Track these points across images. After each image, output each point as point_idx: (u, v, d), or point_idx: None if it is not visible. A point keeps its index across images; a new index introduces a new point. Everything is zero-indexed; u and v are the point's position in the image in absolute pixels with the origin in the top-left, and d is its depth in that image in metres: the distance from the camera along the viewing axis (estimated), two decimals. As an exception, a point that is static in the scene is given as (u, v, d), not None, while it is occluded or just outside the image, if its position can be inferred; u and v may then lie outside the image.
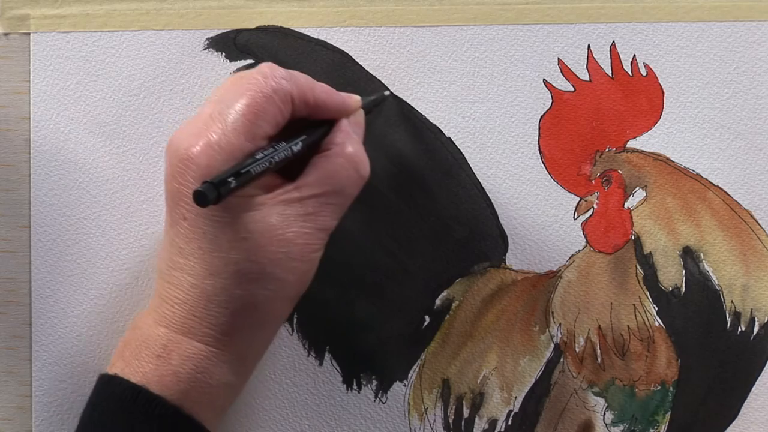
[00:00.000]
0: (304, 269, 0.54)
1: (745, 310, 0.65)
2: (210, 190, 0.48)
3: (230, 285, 0.52)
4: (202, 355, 0.53)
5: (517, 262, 0.65)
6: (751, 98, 0.66)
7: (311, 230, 0.54)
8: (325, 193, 0.54)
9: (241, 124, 0.52)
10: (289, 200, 0.53)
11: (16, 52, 0.64)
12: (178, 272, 0.53)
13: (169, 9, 0.64)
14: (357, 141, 0.57)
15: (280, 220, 0.53)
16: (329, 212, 0.55)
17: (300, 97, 0.54)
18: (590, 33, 0.65)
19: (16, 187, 0.64)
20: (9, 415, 0.64)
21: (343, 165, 0.55)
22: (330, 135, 0.56)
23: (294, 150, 0.54)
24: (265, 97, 0.53)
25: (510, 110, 0.65)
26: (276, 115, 0.53)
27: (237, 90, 0.53)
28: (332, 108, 0.57)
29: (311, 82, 0.56)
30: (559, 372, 0.65)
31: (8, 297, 0.64)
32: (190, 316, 0.53)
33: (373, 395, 0.65)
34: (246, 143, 0.52)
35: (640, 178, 0.65)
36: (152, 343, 0.53)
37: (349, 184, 0.55)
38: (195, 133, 0.52)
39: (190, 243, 0.52)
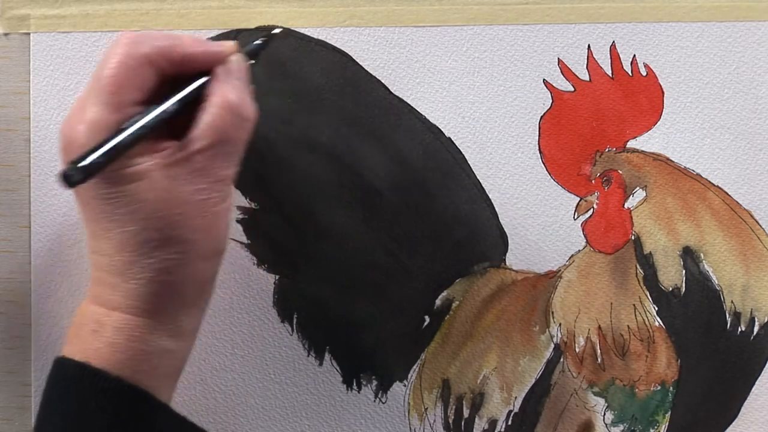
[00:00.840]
0: (208, 225, 0.54)
1: (745, 310, 0.65)
2: (72, 170, 0.48)
3: (138, 257, 0.53)
4: (132, 324, 0.53)
5: (517, 262, 0.65)
6: (751, 98, 0.66)
7: (206, 185, 0.53)
8: (211, 144, 0.53)
9: (105, 97, 0.52)
10: (176, 160, 0.53)
11: (16, 52, 0.64)
12: (95, 254, 0.54)
13: (169, 9, 0.64)
14: (236, 86, 0.56)
15: (170, 183, 0.52)
16: (221, 162, 0.54)
17: (162, 56, 0.54)
18: (590, 33, 0.65)
19: (16, 187, 0.64)
20: (9, 415, 0.64)
21: (220, 114, 0.54)
22: (207, 86, 0.55)
23: (168, 110, 0.53)
24: (122, 65, 0.53)
25: (510, 110, 0.65)
26: (138, 80, 0.53)
27: (101, 65, 0.53)
28: (203, 59, 0.56)
29: (175, 38, 0.55)
30: (559, 372, 0.65)
31: (8, 297, 0.64)
32: (113, 292, 0.53)
33: (373, 395, 0.65)
34: (113, 115, 0.52)
35: (640, 178, 0.65)
36: (88, 321, 0.54)
37: (232, 131, 0.54)
38: (73, 117, 0.53)
39: (97, 225, 0.53)
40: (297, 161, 0.64)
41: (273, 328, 0.65)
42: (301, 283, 0.64)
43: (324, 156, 0.64)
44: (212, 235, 0.55)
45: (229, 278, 0.64)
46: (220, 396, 0.65)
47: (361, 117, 0.64)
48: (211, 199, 0.54)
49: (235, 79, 0.56)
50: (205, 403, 0.65)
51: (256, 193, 0.64)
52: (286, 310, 0.65)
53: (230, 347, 0.65)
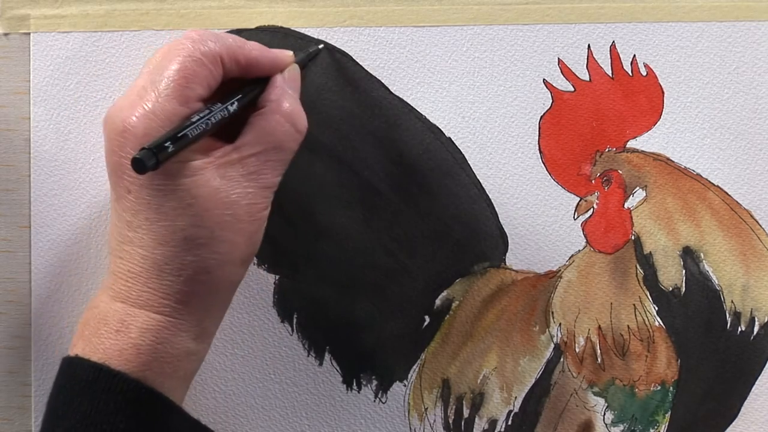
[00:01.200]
0: (251, 230, 0.55)
1: (745, 310, 0.65)
2: (147, 157, 0.48)
3: (180, 252, 0.52)
4: (161, 325, 0.53)
5: (517, 262, 0.65)
6: (751, 98, 0.66)
7: (255, 189, 0.54)
8: (265, 150, 0.54)
9: (173, 89, 0.52)
10: (230, 162, 0.54)
11: (16, 52, 0.64)
12: (128, 246, 0.53)
13: (169, 9, 0.64)
14: (292, 96, 0.57)
15: (223, 183, 0.53)
16: (270, 169, 0.55)
17: (230, 57, 0.55)
18: (590, 33, 0.65)
19: (16, 187, 0.64)
20: (9, 415, 0.64)
21: (279, 121, 0.55)
22: (265, 92, 0.57)
23: (230, 110, 0.54)
24: (194, 60, 0.53)
25: (510, 110, 0.65)
26: (207, 77, 0.54)
27: (167, 58, 0.54)
28: (265, 65, 0.57)
29: (241, 42, 0.56)
30: (559, 372, 0.65)
31: (8, 297, 0.64)
32: (144, 288, 0.53)
33: (373, 395, 0.65)
34: (180, 108, 0.52)
35: (640, 178, 0.65)
36: (110, 319, 0.53)
37: (287, 139, 0.56)
38: (129, 105, 0.53)
39: (137, 215, 0.53)
40: (297, 161, 0.64)
41: (273, 328, 0.65)
42: (301, 283, 0.64)
43: (324, 156, 0.64)
44: (253, 240, 0.56)
45: (229, 278, 0.64)
46: (220, 396, 0.65)
47: (361, 117, 0.64)
48: (258, 204, 0.55)
49: (292, 89, 0.58)
50: (205, 403, 0.65)
51: (256, 193, 0.64)
52: (286, 310, 0.65)
53: (230, 347, 0.65)
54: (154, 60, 0.55)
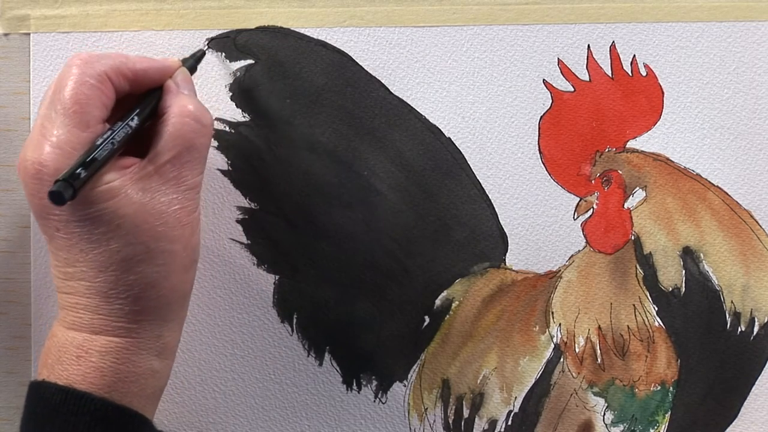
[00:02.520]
0: (186, 234, 0.55)
1: (745, 310, 0.65)
2: (64, 188, 0.49)
3: (122, 274, 0.53)
4: (120, 347, 0.53)
5: (517, 262, 0.65)
6: (751, 98, 0.66)
7: (179, 194, 0.54)
8: (178, 154, 0.55)
9: (71, 117, 0.53)
10: (147, 174, 0.54)
11: (16, 52, 0.64)
12: (71, 281, 0.54)
13: (169, 9, 0.64)
14: (188, 96, 0.58)
15: (146, 196, 0.53)
16: (189, 170, 0.55)
17: (116, 73, 0.55)
18: (590, 33, 0.65)
19: (16, 187, 0.64)
20: (9, 416, 0.64)
21: (183, 122, 0.55)
22: (162, 100, 0.57)
23: (131, 125, 0.54)
24: (82, 84, 0.54)
25: (510, 110, 0.65)
26: (100, 97, 0.54)
27: (57, 89, 0.54)
28: (153, 74, 0.57)
29: (124, 57, 0.57)
30: (559, 372, 0.65)
31: (8, 297, 0.64)
32: (96, 315, 0.53)
33: (373, 395, 0.65)
34: (83, 134, 0.53)
35: (640, 178, 0.65)
36: (70, 346, 0.54)
37: (196, 137, 0.56)
38: (35, 146, 0.53)
39: (71, 250, 0.53)
40: (297, 161, 0.64)
41: (273, 328, 0.65)
42: (301, 283, 0.64)
43: (324, 156, 0.64)
44: (191, 244, 0.56)
45: (229, 278, 0.64)
46: (220, 396, 0.65)
47: (361, 117, 0.64)
48: (186, 208, 0.55)
49: (187, 90, 0.58)
50: (205, 403, 0.65)
51: (256, 193, 0.64)
52: (286, 310, 0.65)
53: (230, 347, 0.65)
54: (47, 95, 0.55)
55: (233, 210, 0.64)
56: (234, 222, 0.64)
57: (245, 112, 0.64)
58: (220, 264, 0.64)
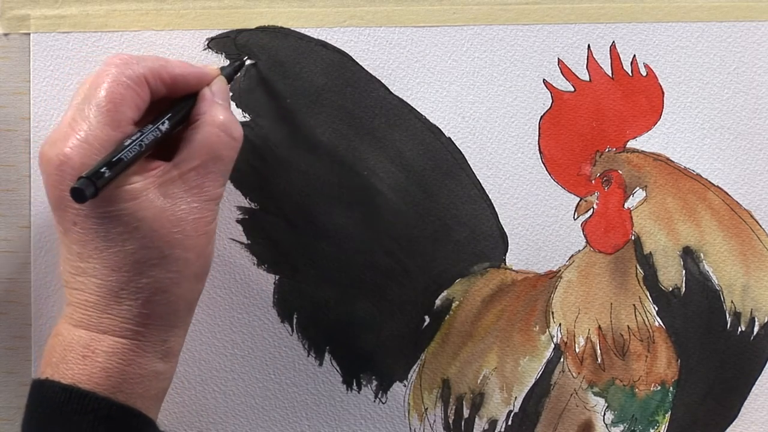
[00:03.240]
0: (201, 244, 0.55)
1: (745, 310, 0.65)
2: (86, 185, 0.49)
3: (134, 276, 0.53)
4: (126, 348, 0.53)
5: (517, 262, 0.65)
6: (751, 98, 0.66)
7: (200, 203, 0.54)
8: (204, 163, 0.55)
9: (103, 115, 0.53)
10: (171, 179, 0.54)
11: (16, 52, 0.64)
12: (82, 276, 0.54)
13: (169, 9, 0.64)
14: (223, 106, 0.57)
15: (167, 201, 0.53)
16: (212, 181, 0.55)
17: (154, 77, 0.55)
18: (590, 33, 0.65)
19: (16, 187, 0.64)
20: (9, 416, 0.64)
21: (213, 132, 0.55)
22: (195, 107, 0.57)
23: (161, 129, 0.54)
24: (119, 84, 0.53)
25: (510, 110, 0.65)
26: (135, 99, 0.54)
27: (93, 86, 0.54)
28: (191, 81, 0.57)
29: (164, 60, 0.57)
30: (559, 372, 0.65)
31: (8, 297, 0.64)
32: (104, 315, 0.53)
33: (373, 395, 0.65)
34: (113, 133, 0.53)
35: (640, 178, 0.65)
36: (76, 346, 0.53)
37: (224, 149, 0.56)
38: (62, 138, 0.53)
39: (86, 246, 0.53)
40: (297, 161, 0.64)
41: (273, 328, 0.65)
42: (301, 283, 0.64)
43: (324, 156, 0.64)
44: (205, 253, 0.56)
45: (229, 278, 0.64)
46: (220, 396, 0.65)
47: (361, 117, 0.64)
48: (204, 218, 0.55)
49: (221, 100, 0.58)
50: (205, 403, 0.65)
51: (256, 193, 0.64)
52: (286, 310, 0.65)
53: (230, 347, 0.65)
54: (82, 90, 0.55)
55: (233, 210, 0.64)
56: (234, 222, 0.64)
57: (245, 112, 0.64)
58: (220, 264, 0.64)
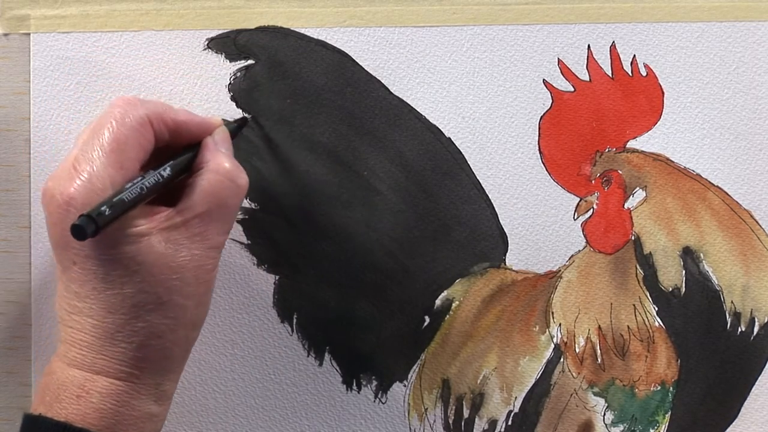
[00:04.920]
0: (200, 292, 0.55)
1: (745, 311, 0.65)
2: (86, 223, 0.49)
3: (130, 319, 0.53)
4: (121, 389, 0.53)
5: (517, 262, 0.65)
6: (751, 98, 0.66)
7: (201, 251, 0.54)
8: (208, 210, 0.54)
9: (107, 156, 0.53)
10: (174, 225, 0.53)
11: (16, 52, 0.64)
12: (78, 316, 0.54)
13: (169, 9, 0.64)
14: (226, 155, 0.57)
15: (168, 247, 0.53)
16: (216, 229, 0.55)
17: (158, 120, 0.55)
18: (590, 33, 0.65)
19: (16, 187, 0.64)
20: (9, 416, 0.64)
21: (218, 179, 0.55)
22: (199, 155, 0.57)
23: (163, 174, 0.54)
24: (123, 125, 0.54)
25: (510, 110, 0.65)
26: (139, 140, 0.54)
27: (97, 127, 0.54)
28: (193, 129, 0.57)
29: (168, 106, 0.57)
30: (559, 372, 0.65)
31: (8, 297, 0.64)
32: (98, 356, 0.53)
33: (373, 395, 0.65)
34: (116, 174, 0.52)
35: (640, 179, 0.65)
36: (69, 386, 0.53)
37: (228, 196, 0.55)
38: (66, 177, 0.53)
39: (84, 285, 0.53)
40: (297, 161, 0.64)
41: (273, 328, 0.65)
42: (301, 283, 0.64)
43: (324, 156, 0.64)
44: (203, 302, 0.56)
45: (229, 278, 0.64)
46: (220, 396, 0.65)
47: (361, 117, 0.64)
48: (205, 266, 0.55)
49: (225, 149, 0.58)
50: (205, 403, 0.65)
51: (256, 193, 0.64)
52: (286, 310, 0.65)
53: (230, 347, 0.65)
54: (87, 130, 0.55)
55: (233, 210, 0.64)
56: (234, 222, 0.64)
57: (245, 112, 0.64)
58: (220, 264, 0.64)
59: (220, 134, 0.59)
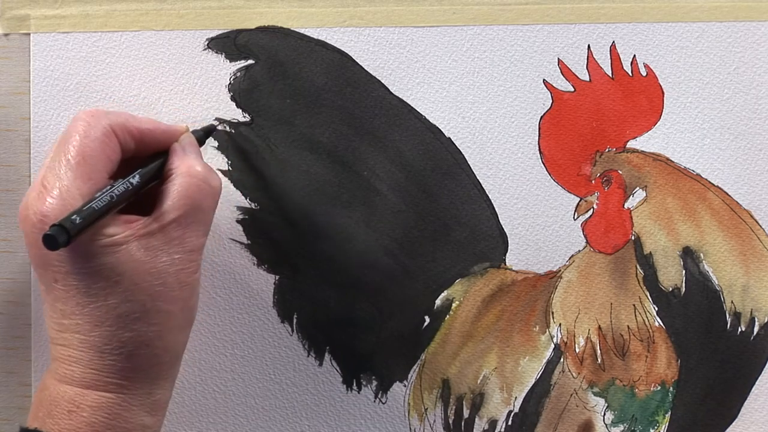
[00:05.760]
0: (184, 296, 0.55)
1: (745, 311, 0.65)
2: (58, 232, 0.49)
3: (117, 330, 0.53)
4: (112, 402, 0.53)
5: (517, 262, 0.65)
6: (751, 98, 0.66)
7: (181, 254, 0.54)
8: (184, 214, 0.54)
9: (74, 170, 0.53)
10: (151, 232, 0.54)
11: (16, 52, 0.64)
12: (66, 333, 0.54)
13: (169, 9, 0.64)
14: (196, 158, 0.58)
15: (147, 254, 0.53)
16: (193, 232, 0.55)
17: (122, 130, 0.55)
18: (590, 33, 0.65)
19: (16, 188, 0.64)
20: (9, 416, 0.64)
21: (190, 182, 0.55)
22: (168, 161, 0.57)
23: (132, 182, 0.54)
24: (87, 137, 0.54)
25: (510, 110, 0.65)
26: (105, 151, 0.54)
27: (61, 143, 0.54)
28: (159, 136, 0.58)
29: (132, 116, 0.57)
30: (559, 372, 0.65)
31: (8, 297, 0.64)
32: (87, 370, 0.53)
33: (373, 395, 0.65)
34: (85, 186, 0.53)
35: (640, 179, 0.65)
36: (61, 401, 0.53)
37: (203, 198, 0.56)
38: (37, 197, 0.53)
39: (68, 302, 0.53)
40: (297, 161, 0.64)
41: (273, 328, 0.65)
42: (301, 283, 0.64)
43: (324, 156, 0.64)
44: (188, 305, 0.56)
45: (229, 278, 0.64)
46: (220, 396, 0.65)
47: (361, 117, 0.64)
48: (187, 269, 0.55)
49: (193, 153, 0.58)
50: (205, 403, 0.65)
51: (256, 193, 0.64)
52: (286, 310, 0.65)
53: (230, 347, 0.65)
54: (53, 148, 0.55)
55: (233, 210, 0.64)
56: (234, 222, 0.64)
57: (245, 112, 0.64)
58: (220, 264, 0.64)
59: (187, 139, 0.59)
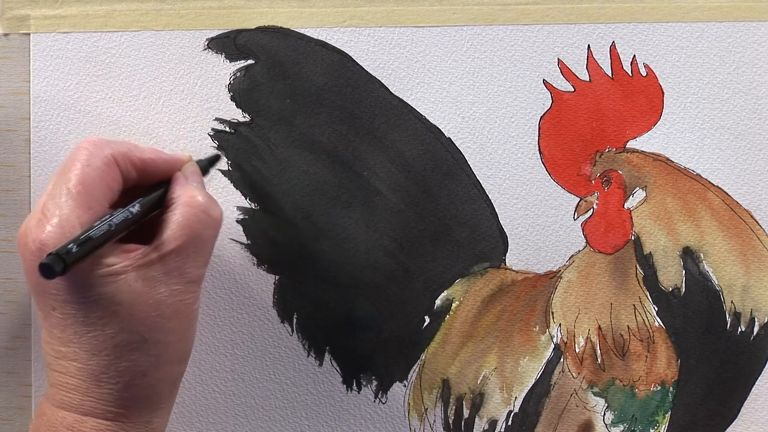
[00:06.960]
0: (182, 327, 0.55)
1: (745, 311, 0.65)
2: (55, 261, 0.48)
3: (114, 360, 0.53)
4: (110, 429, 0.53)
5: (517, 262, 0.65)
6: (751, 98, 0.66)
7: (180, 286, 0.54)
8: (184, 244, 0.54)
9: (74, 199, 0.52)
10: (150, 261, 0.53)
11: (16, 52, 0.64)
12: (63, 360, 0.53)
13: (169, 9, 0.64)
14: (198, 187, 0.57)
15: (146, 284, 0.53)
16: (193, 263, 0.55)
17: (124, 158, 0.55)
18: (590, 33, 0.65)
19: (16, 187, 0.64)
20: (9, 416, 0.64)
21: (191, 212, 0.55)
22: (169, 190, 0.57)
23: (132, 211, 0.54)
24: (88, 166, 0.53)
25: (510, 110, 0.65)
26: (106, 180, 0.54)
27: (62, 172, 0.54)
28: (161, 165, 0.57)
29: (133, 145, 0.57)
30: (559, 372, 0.65)
31: (8, 297, 0.64)
32: (85, 398, 0.53)
33: (373, 395, 0.65)
34: (85, 215, 0.52)
35: (640, 179, 0.65)
36: (59, 427, 0.53)
37: (203, 228, 0.55)
38: (36, 224, 0.53)
39: (66, 330, 0.53)
40: (297, 161, 0.64)
41: (273, 328, 0.65)
42: (301, 283, 0.64)
43: (324, 156, 0.64)
44: (186, 336, 0.56)
45: (229, 278, 0.64)
46: (220, 396, 0.65)
47: (361, 117, 0.64)
48: (185, 301, 0.54)
49: (195, 183, 0.57)
50: (205, 403, 0.65)
51: (256, 193, 0.64)
52: (286, 310, 0.65)
53: (230, 347, 0.65)
54: (52, 179, 0.55)
55: (233, 210, 0.64)
56: (234, 222, 0.64)
57: (245, 112, 0.64)
58: (220, 264, 0.64)
59: (190, 168, 0.58)
